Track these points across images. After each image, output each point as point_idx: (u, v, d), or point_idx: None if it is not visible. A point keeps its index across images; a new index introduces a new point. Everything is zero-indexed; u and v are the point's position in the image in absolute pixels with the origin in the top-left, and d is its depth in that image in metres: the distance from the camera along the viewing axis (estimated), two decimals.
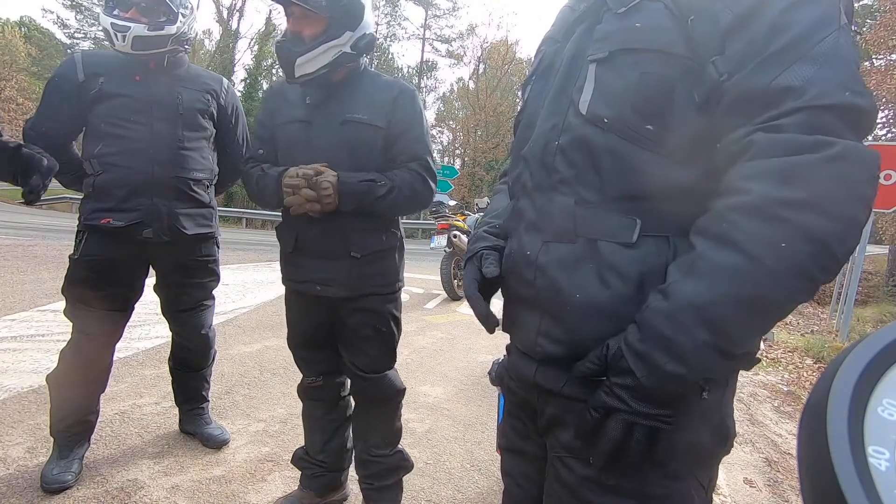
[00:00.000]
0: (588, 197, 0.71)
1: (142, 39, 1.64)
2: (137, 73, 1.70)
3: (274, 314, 4.43)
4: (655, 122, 0.66)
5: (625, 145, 0.68)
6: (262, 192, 1.48)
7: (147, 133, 1.69)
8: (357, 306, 1.51)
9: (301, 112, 1.44)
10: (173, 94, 1.75)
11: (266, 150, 1.52)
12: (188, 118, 1.78)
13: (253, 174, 1.50)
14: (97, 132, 1.69)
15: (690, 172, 0.66)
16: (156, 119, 1.71)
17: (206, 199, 1.87)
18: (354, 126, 1.42)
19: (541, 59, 0.87)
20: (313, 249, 1.49)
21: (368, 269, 1.49)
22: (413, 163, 1.48)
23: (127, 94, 1.68)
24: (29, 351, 2.89)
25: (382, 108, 1.44)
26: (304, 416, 1.72)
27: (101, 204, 1.68)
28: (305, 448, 1.73)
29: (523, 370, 0.80)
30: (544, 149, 0.76)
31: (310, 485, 1.71)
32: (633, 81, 0.67)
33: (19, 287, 4.36)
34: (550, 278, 0.72)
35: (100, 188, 1.68)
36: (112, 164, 1.68)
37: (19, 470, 1.76)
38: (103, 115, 1.67)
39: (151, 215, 1.72)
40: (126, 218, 1.69)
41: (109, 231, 1.68)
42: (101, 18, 1.64)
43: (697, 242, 0.61)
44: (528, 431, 0.85)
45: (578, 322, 0.71)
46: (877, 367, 0.24)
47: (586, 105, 0.70)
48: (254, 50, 25.49)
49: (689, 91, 0.65)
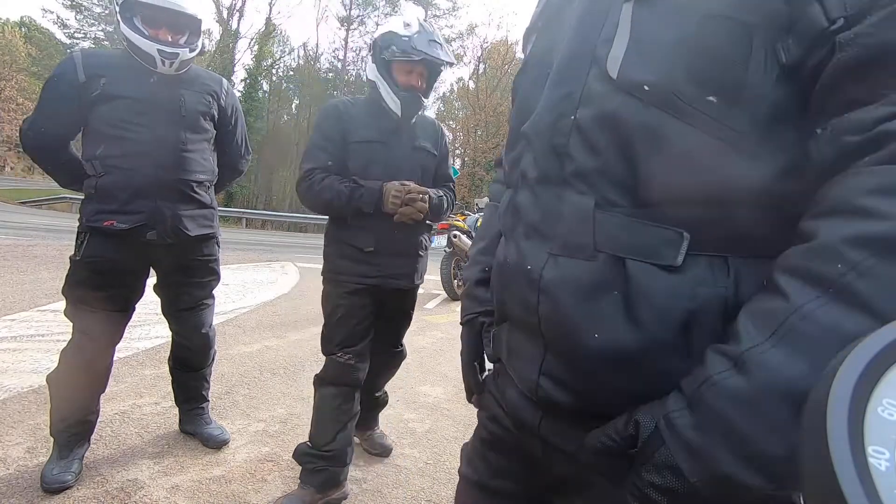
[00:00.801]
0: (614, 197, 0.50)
1: (184, 62, 1.73)
2: (143, 75, 1.70)
3: (274, 314, 4.43)
4: (721, 91, 0.45)
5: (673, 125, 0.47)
6: (338, 199, 1.67)
7: (150, 135, 1.69)
8: (409, 294, 1.93)
9: (375, 134, 1.72)
10: (176, 96, 1.75)
11: (333, 161, 1.72)
12: (190, 120, 1.78)
13: (327, 182, 1.69)
14: (99, 133, 1.68)
15: (766, 168, 0.45)
16: (158, 121, 1.71)
17: (207, 200, 1.87)
18: (422, 152, 1.81)
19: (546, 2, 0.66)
20: (391, 249, 1.75)
21: (421, 264, 1.87)
22: (449, 183, 1.94)
23: (130, 96, 1.68)
24: (29, 351, 2.89)
25: (434, 139, 1.86)
26: (320, 405, 1.77)
27: (103, 206, 1.68)
28: (309, 442, 1.76)
29: (522, 413, 0.61)
30: (554, 127, 0.55)
31: (311, 480, 1.73)
32: (690, 30, 0.46)
33: (19, 287, 4.36)
34: (558, 306, 0.52)
35: (102, 190, 1.68)
36: (115, 166, 1.67)
37: (19, 470, 1.76)
38: (105, 116, 1.67)
39: (155, 217, 1.72)
40: (130, 220, 1.68)
41: (112, 233, 1.68)
42: (139, 41, 1.64)
43: (793, 288, 0.40)
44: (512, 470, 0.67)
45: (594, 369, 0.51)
46: (877, 367, 0.24)
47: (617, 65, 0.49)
48: (254, 50, 25.52)
49: (774, 45, 0.44)
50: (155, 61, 1.67)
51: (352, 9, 30.11)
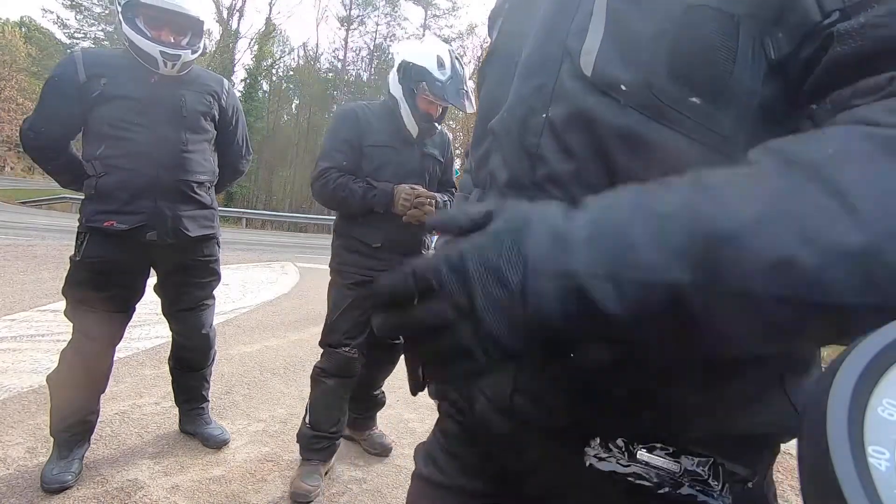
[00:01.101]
0: None
1: (186, 64, 1.73)
2: (144, 75, 1.70)
3: (274, 314, 4.43)
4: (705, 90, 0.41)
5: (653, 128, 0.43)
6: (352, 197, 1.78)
7: (151, 136, 1.69)
8: None
9: (388, 139, 1.83)
10: (177, 96, 1.75)
11: (348, 162, 1.81)
12: (191, 121, 1.78)
13: (341, 181, 1.79)
14: (99, 134, 1.68)
15: None
16: (159, 122, 1.71)
17: (207, 201, 1.87)
18: (430, 159, 1.93)
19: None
20: (398, 247, 1.86)
21: None
22: (451, 188, 2.06)
23: (130, 96, 1.67)
24: (29, 351, 2.89)
25: (441, 146, 1.99)
26: (323, 396, 1.88)
27: (104, 206, 1.68)
28: (312, 426, 1.89)
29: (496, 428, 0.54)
30: (524, 124, 0.49)
31: (316, 456, 1.90)
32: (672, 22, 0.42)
33: (19, 287, 4.36)
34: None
35: (102, 190, 1.68)
36: (115, 166, 1.67)
37: (19, 470, 1.76)
38: (106, 116, 1.67)
39: (155, 218, 1.72)
40: (130, 221, 1.68)
41: (112, 233, 1.68)
42: (142, 42, 1.64)
43: (762, 159, 0.34)
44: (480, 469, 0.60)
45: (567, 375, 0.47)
46: (877, 367, 0.24)
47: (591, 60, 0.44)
48: (253, 50, 25.54)
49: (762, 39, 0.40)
50: (157, 62, 1.67)
51: (352, 9, 30.15)
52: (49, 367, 1.80)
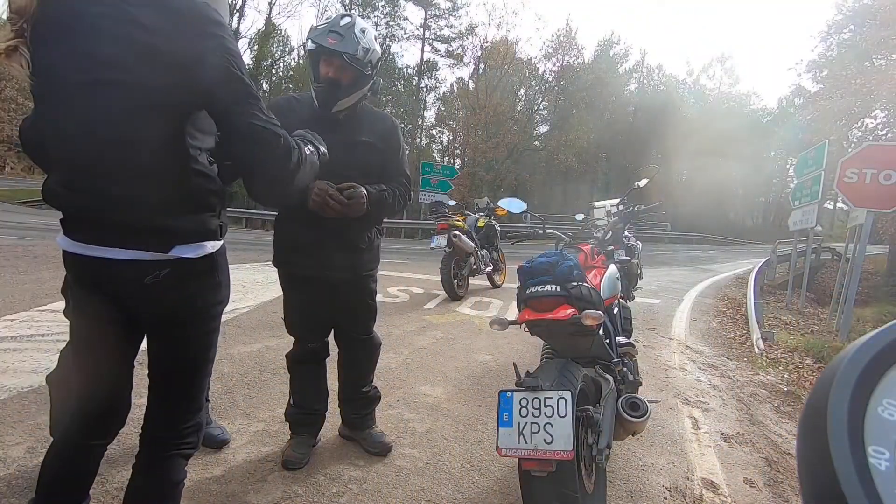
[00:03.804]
0: None
1: None
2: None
3: (274, 314, 4.43)
4: None
5: None
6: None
7: None
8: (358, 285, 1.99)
9: (302, 125, 1.69)
10: None
11: None
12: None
13: None
14: None
15: None
16: None
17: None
18: (363, 146, 1.83)
19: None
20: (330, 242, 1.85)
21: (365, 257, 1.95)
22: (401, 178, 1.94)
23: None
24: (29, 351, 2.89)
25: (382, 134, 1.88)
26: (303, 378, 2.06)
27: None
28: (296, 404, 2.07)
29: None
30: None
31: (304, 430, 2.08)
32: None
33: (19, 287, 4.36)
34: None
35: None
36: None
37: (19, 470, 1.76)
38: None
39: None
40: None
41: None
42: None
43: None
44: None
45: None
46: (877, 367, 0.24)
47: None
48: (254, 50, 25.52)
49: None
50: None
51: (351, 9, 30.12)
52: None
